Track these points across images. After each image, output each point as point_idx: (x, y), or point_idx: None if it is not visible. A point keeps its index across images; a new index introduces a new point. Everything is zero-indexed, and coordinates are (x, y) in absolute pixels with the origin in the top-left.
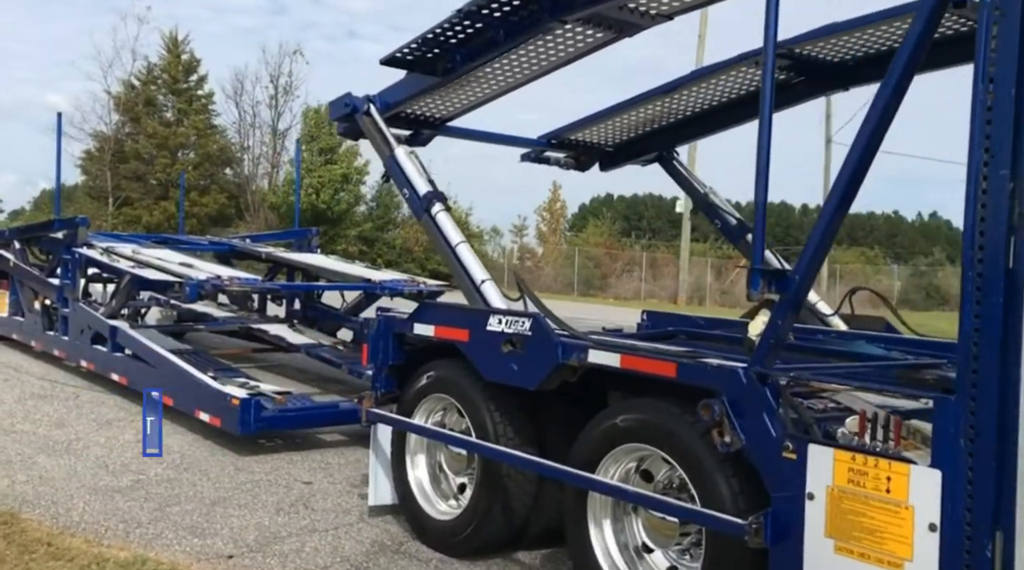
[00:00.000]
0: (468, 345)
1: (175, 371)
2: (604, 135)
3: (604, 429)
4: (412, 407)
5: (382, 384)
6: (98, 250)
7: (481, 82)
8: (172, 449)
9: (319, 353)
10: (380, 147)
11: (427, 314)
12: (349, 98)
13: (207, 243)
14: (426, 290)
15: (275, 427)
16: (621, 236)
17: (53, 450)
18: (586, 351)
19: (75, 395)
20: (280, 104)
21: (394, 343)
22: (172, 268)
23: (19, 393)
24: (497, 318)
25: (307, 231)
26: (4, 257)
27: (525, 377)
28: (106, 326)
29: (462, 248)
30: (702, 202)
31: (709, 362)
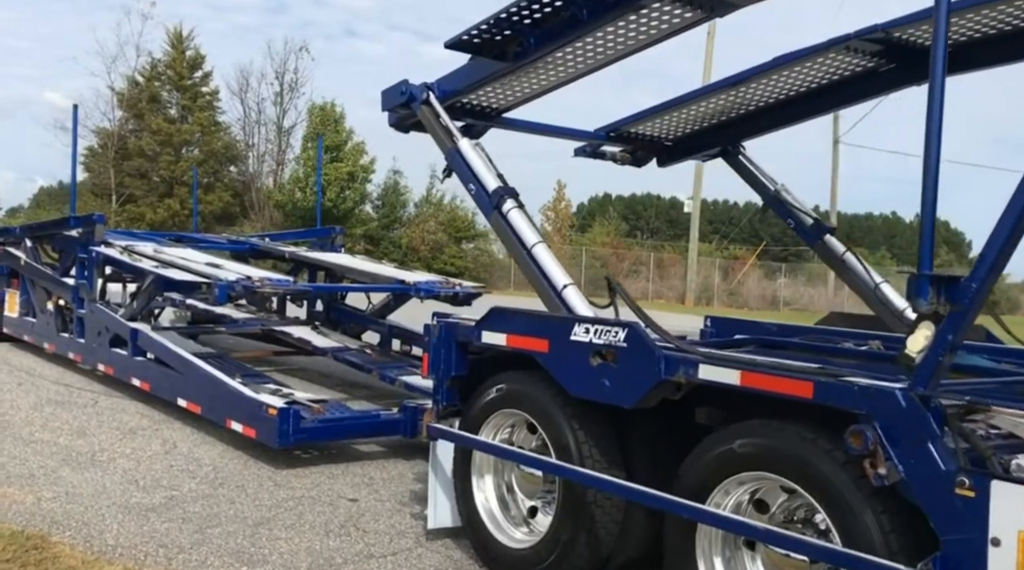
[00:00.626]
0: (548, 357)
1: (204, 378)
2: (664, 128)
3: (717, 455)
4: (479, 423)
5: (444, 397)
6: (117, 249)
7: (549, 68)
8: (203, 462)
9: (346, 357)
10: (441, 139)
11: (498, 321)
12: (406, 86)
13: (226, 242)
14: (462, 293)
15: (314, 439)
16: (625, 236)
17: (77, 462)
18: (696, 366)
19: (93, 401)
20: (286, 101)
21: (457, 352)
22: (198, 268)
23: (35, 399)
24: (584, 327)
25: (330, 229)
26: (14, 255)
27: (620, 394)
28: (126, 329)
29: (539, 249)
30: (772, 200)
31: (856, 381)
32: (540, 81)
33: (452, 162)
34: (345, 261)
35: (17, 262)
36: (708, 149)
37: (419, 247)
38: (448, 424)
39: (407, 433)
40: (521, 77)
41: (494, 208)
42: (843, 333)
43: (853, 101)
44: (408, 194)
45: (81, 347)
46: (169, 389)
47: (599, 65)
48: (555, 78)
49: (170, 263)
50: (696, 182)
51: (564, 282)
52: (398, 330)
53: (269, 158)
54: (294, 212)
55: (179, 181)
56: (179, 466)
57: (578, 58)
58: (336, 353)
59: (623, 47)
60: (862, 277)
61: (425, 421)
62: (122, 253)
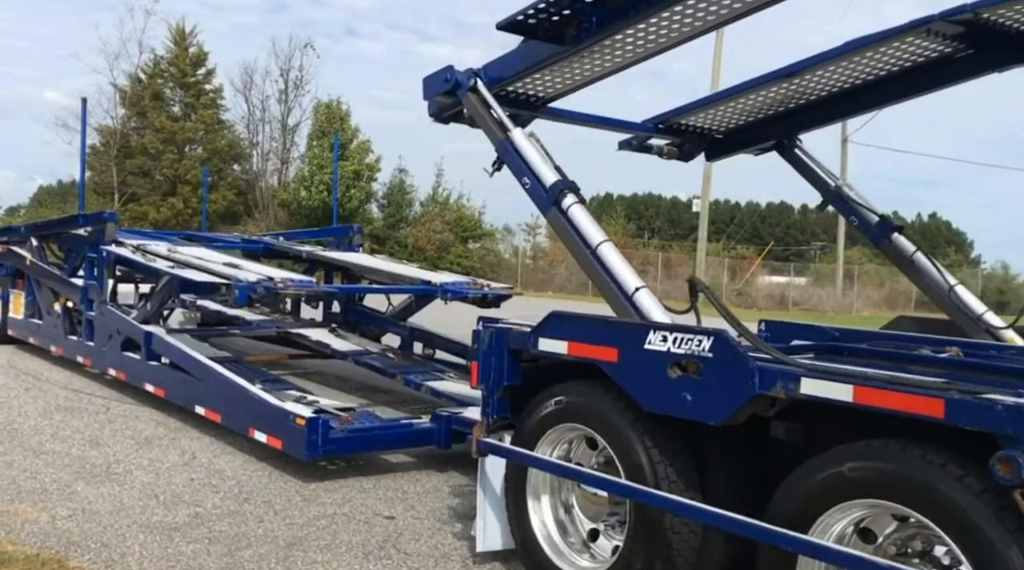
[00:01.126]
0: (618, 367)
1: (224, 384)
2: (715, 120)
3: (823, 480)
4: (534, 438)
5: (495, 409)
6: (129, 248)
7: (606, 53)
8: (226, 475)
9: (368, 361)
10: (491, 129)
11: (559, 328)
12: (451, 72)
13: (239, 241)
14: (491, 294)
15: (344, 450)
16: (632, 236)
17: (92, 475)
18: (797, 380)
19: (105, 408)
20: (290, 98)
21: (510, 361)
22: (216, 268)
23: (43, 405)
24: (661, 335)
25: (347, 228)
26: (20, 255)
27: (704, 410)
28: (140, 332)
29: (606, 249)
30: (832, 196)
31: (999, 399)
32: (594, 67)
33: (503, 154)
34: (364, 261)
35: (23, 262)
36: (761, 142)
37: (425, 247)
38: (497, 438)
39: (441, 443)
40: (573, 63)
41: (552, 204)
42: (916, 339)
43: (923, 90)
44: (414, 193)
45: (91, 350)
46: (185, 396)
47: (660, 49)
48: (610, 64)
49: (186, 263)
50: (705, 182)
51: (635, 285)
52: (420, 333)
53: (273, 156)
54: (299, 211)
55: (182, 180)
56: (200, 479)
57: (638, 42)
58: (356, 357)
59: (688, 29)
60: (935, 279)
61: (475, 435)
62: (135, 252)
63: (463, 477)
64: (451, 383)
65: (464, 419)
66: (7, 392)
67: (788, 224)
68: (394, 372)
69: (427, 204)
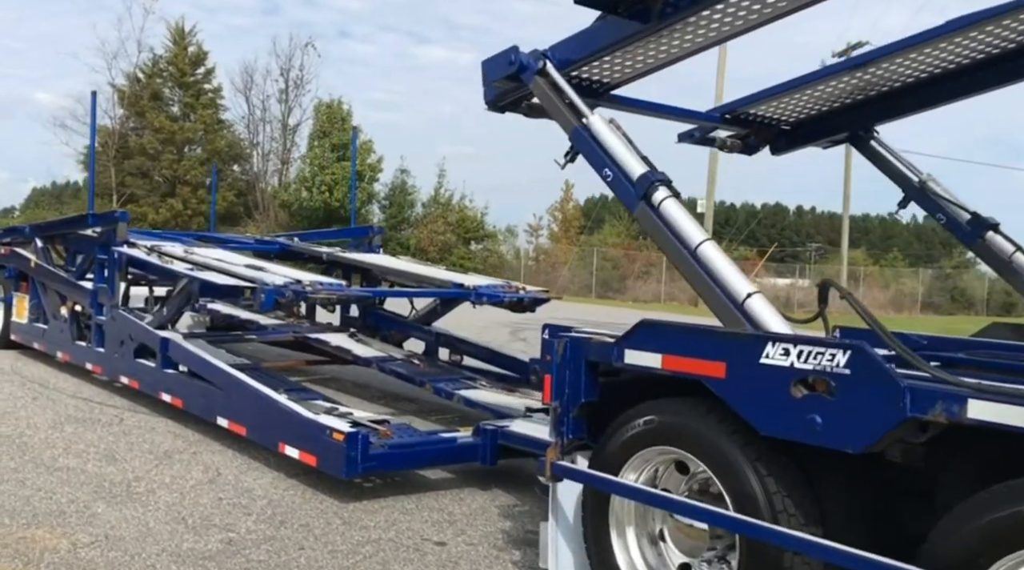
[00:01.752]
0: (726, 384)
1: (250, 395)
2: (784, 111)
3: (1001, 521)
4: (620, 461)
5: (570, 428)
6: (143, 249)
7: (688, 32)
8: (255, 494)
9: (393, 368)
10: (563, 114)
11: (650, 338)
12: (515, 54)
13: (253, 242)
14: (527, 298)
15: (384, 467)
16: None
17: (112, 495)
18: (963, 402)
19: (118, 419)
20: (291, 98)
21: (587, 375)
22: (238, 270)
23: (53, 416)
24: (781, 347)
25: (367, 228)
26: (24, 257)
27: (840, 435)
28: (155, 338)
29: (708, 249)
30: (915, 192)
31: None
32: (670, 49)
33: (578, 143)
34: (387, 262)
35: (27, 264)
36: (834, 134)
37: (427, 248)
38: (570, 460)
39: (486, 460)
40: (649, 44)
41: (640, 198)
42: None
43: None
44: (415, 194)
45: (101, 357)
46: (206, 407)
47: (749, 27)
48: (689, 45)
49: (204, 265)
50: (709, 182)
51: (747, 289)
52: (446, 338)
53: (274, 157)
54: (300, 212)
55: (181, 180)
56: (229, 499)
57: (726, 19)
58: (380, 363)
59: (784, 4)
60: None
61: (548, 458)
62: (149, 254)
63: (509, 496)
64: (484, 392)
65: (511, 433)
66: (14, 402)
67: (783, 225)
68: (422, 380)
69: (429, 205)
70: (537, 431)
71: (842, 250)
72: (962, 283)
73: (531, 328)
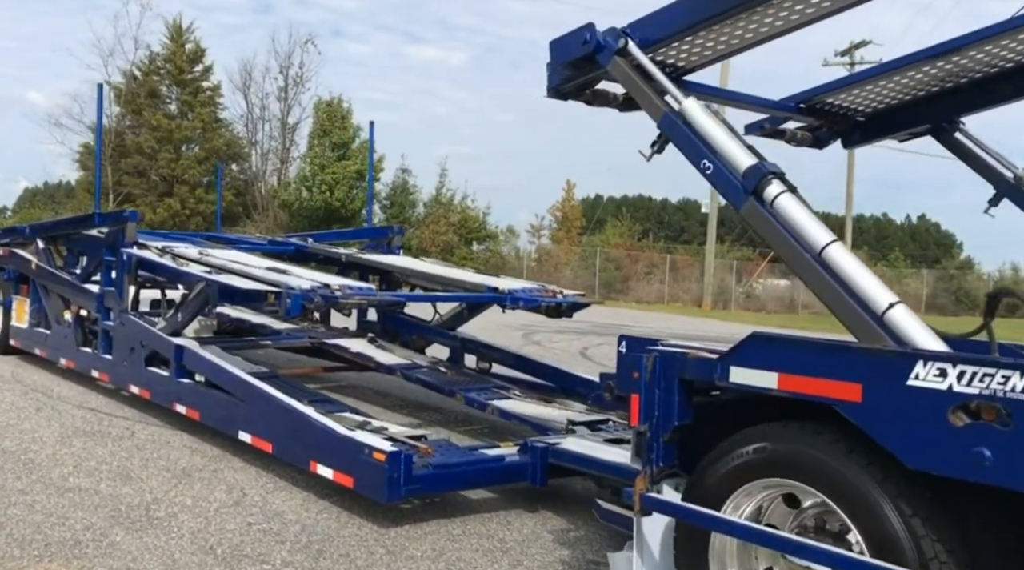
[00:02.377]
0: (863, 409)
1: (277, 409)
2: (859, 101)
3: None
4: (722, 494)
5: (660, 455)
6: (154, 250)
7: (784, 8)
8: (286, 517)
9: (419, 376)
10: (650, 99)
11: (764, 354)
12: (591, 32)
13: (266, 243)
14: (566, 302)
15: (428, 490)
16: (639, 238)
17: (130, 520)
18: None
19: (129, 432)
20: (290, 97)
21: (681, 395)
22: (259, 274)
23: (60, 429)
24: (936, 367)
25: (387, 229)
26: (24, 258)
27: (1019, 473)
28: (169, 345)
29: (836, 251)
30: (1008, 188)
31: None
32: (759, 29)
33: (670, 131)
34: (410, 264)
35: (27, 266)
36: (914, 126)
37: (429, 248)
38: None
39: (536, 480)
40: (739, 22)
41: (749, 194)
42: None
43: None
44: (417, 193)
45: (108, 365)
46: (226, 420)
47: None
48: (781, 24)
49: (222, 268)
50: None
51: (888, 298)
52: (473, 344)
53: (273, 156)
54: (300, 212)
55: (179, 180)
56: (258, 524)
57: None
58: (405, 371)
59: None
60: None
61: (636, 488)
62: (162, 255)
63: (559, 519)
64: (519, 403)
65: (562, 451)
66: (17, 413)
67: None
68: (452, 389)
69: (430, 205)
70: (590, 449)
71: None
72: (966, 284)
73: (543, 331)
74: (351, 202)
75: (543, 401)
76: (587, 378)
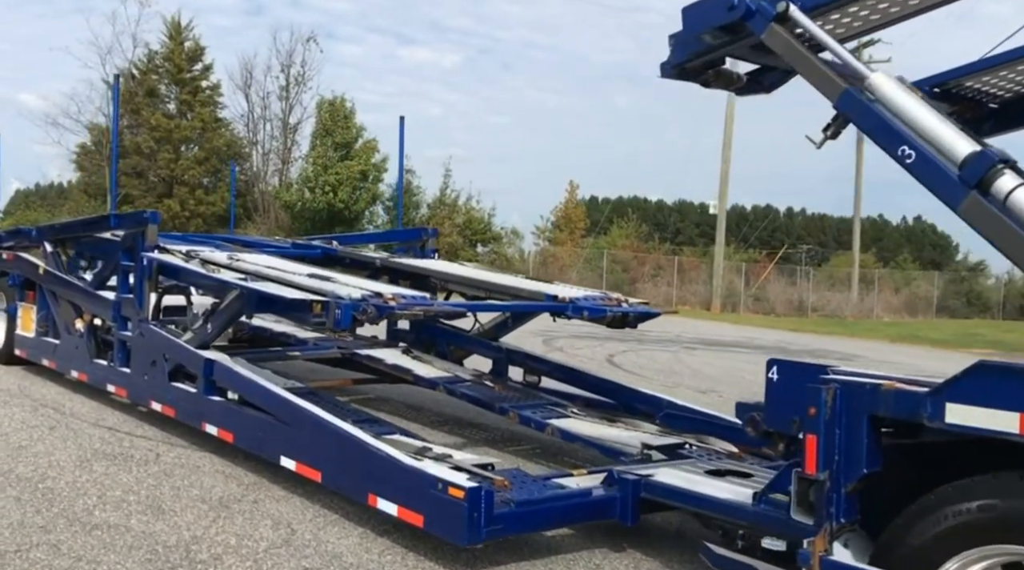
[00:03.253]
0: None
1: (329, 433)
2: (999, 86)
3: None
4: (932, 559)
5: (842, 509)
6: (178, 255)
7: None
8: (345, 560)
9: (465, 391)
10: (822, 74)
11: (1000, 389)
12: None
13: (290, 246)
14: (633, 313)
15: (510, 531)
16: (645, 240)
17: (170, 565)
18: None
19: (154, 454)
20: (292, 96)
21: (870, 436)
22: (299, 281)
23: (77, 451)
24: None
25: (420, 231)
26: (30, 263)
27: None
28: (197, 359)
29: None
30: None
31: None
32: None
33: (853, 111)
34: (449, 269)
35: (34, 271)
36: None
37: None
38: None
39: (627, 518)
40: None
41: (972, 187)
42: None
43: None
44: (421, 195)
45: (126, 379)
46: (265, 443)
47: None
48: None
49: (256, 273)
50: (722, 183)
51: None
52: (519, 356)
53: (274, 156)
54: (303, 213)
55: (179, 180)
56: (316, 568)
57: None
58: (449, 385)
59: None
60: None
61: (816, 549)
62: (188, 260)
63: (652, 561)
64: (581, 422)
65: (656, 485)
66: (29, 432)
67: (775, 227)
68: (503, 406)
69: (435, 206)
70: (691, 482)
71: (854, 252)
72: (977, 286)
73: (562, 336)
74: (355, 203)
75: (606, 420)
76: (651, 394)
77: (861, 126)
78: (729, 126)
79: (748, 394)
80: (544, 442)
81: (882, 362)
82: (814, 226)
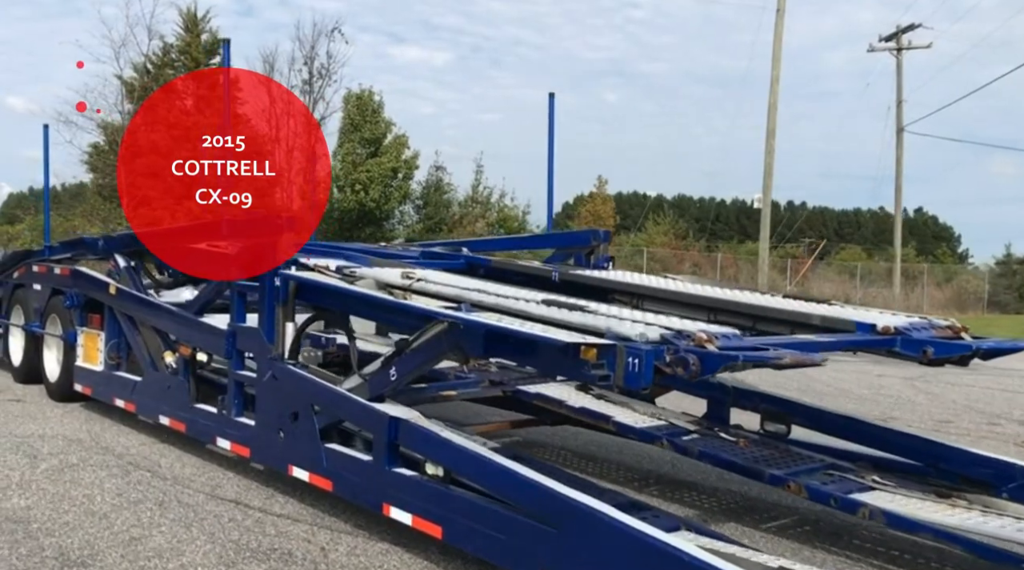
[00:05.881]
0: None
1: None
2: None
3: None
4: None
5: None
6: (326, 272)
7: None
8: None
9: (707, 451)
10: None
11: None
12: None
13: (419, 255)
14: (983, 348)
15: None
16: (682, 237)
17: None
18: None
19: (320, 552)
20: (316, 90)
21: None
22: (533, 310)
23: (211, 545)
24: None
25: (588, 234)
26: (96, 280)
27: None
28: (376, 416)
29: None
30: None
31: None
32: None
33: None
34: (649, 282)
35: (101, 290)
36: None
37: None
38: None
39: None
40: None
41: None
42: None
43: None
44: (452, 192)
45: (247, 434)
46: (505, 549)
47: None
48: None
49: (459, 299)
50: (766, 176)
51: None
52: (752, 395)
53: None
54: (331, 213)
55: None
56: None
57: None
58: (674, 439)
59: None
60: None
61: None
62: (349, 280)
63: None
64: (903, 499)
65: None
66: (134, 511)
67: (775, 221)
68: (777, 474)
69: (466, 204)
70: None
71: (895, 246)
72: None
73: None
74: (386, 202)
75: (937, 494)
76: (988, 455)
77: None
78: (772, 114)
79: None
80: (811, 514)
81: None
82: (815, 221)
